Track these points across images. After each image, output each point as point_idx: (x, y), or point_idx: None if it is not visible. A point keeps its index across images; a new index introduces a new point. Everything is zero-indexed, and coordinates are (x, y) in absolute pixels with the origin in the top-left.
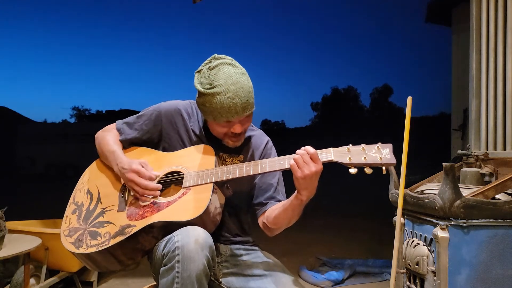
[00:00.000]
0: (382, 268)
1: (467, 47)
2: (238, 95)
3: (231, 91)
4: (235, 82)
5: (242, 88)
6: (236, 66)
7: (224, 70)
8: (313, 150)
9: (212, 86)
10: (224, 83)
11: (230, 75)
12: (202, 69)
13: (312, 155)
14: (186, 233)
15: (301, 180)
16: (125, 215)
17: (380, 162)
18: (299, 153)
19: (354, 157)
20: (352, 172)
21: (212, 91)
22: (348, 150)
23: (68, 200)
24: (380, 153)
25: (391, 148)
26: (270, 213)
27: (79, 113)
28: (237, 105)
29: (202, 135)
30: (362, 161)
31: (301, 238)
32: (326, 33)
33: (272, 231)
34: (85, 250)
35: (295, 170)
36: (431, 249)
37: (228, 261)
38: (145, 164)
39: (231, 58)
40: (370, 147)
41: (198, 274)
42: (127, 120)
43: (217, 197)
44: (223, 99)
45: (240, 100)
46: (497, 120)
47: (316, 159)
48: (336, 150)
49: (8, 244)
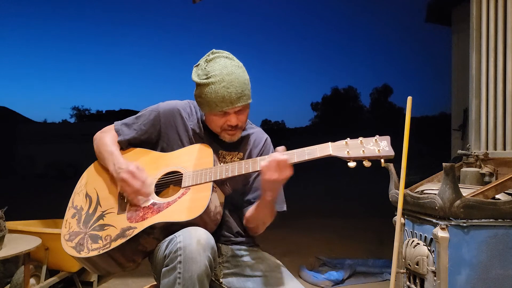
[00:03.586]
0: (382, 268)
1: (467, 47)
2: (232, 84)
3: (226, 81)
4: (230, 72)
5: (237, 79)
6: (233, 59)
7: (220, 62)
8: (285, 157)
9: (207, 76)
10: (219, 73)
11: (225, 66)
12: (200, 63)
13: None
14: (188, 234)
15: (268, 182)
16: (125, 217)
17: (378, 155)
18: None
19: (352, 150)
20: (351, 166)
21: (207, 81)
22: (346, 144)
23: (68, 200)
24: (378, 145)
25: (388, 140)
26: (248, 212)
27: (79, 113)
28: (232, 95)
29: (201, 134)
30: (361, 154)
31: (301, 238)
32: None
33: (252, 230)
34: (86, 254)
35: (264, 172)
36: (431, 249)
37: (229, 261)
38: (141, 169)
39: (228, 53)
40: (368, 140)
41: (200, 275)
42: (126, 121)
43: (217, 196)
44: (218, 88)
45: (235, 89)
46: (497, 120)
47: (287, 166)
48: (334, 144)
49: (8, 244)
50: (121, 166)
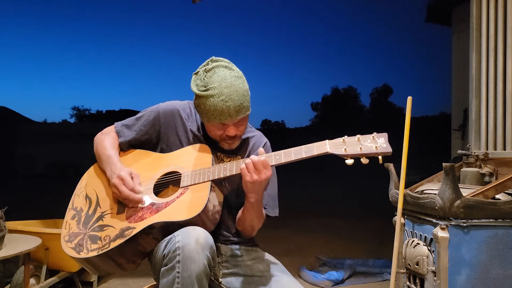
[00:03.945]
0: (382, 268)
1: (467, 47)
2: (231, 98)
3: (224, 94)
4: (229, 85)
5: (236, 91)
6: (232, 69)
7: (219, 73)
8: (263, 158)
9: (206, 88)
10: (218, 86)
11: (224, 78)
12: (199, 71)
13: (262, 162)
14: (187, 233)
15: (249, 184)
16: (124, 218)
17: (376, 152)
18: (252, 160)
19: (350, 148)
20: (348, 163)
21: (206, 94)
22: (343, 141)
23: (68, 200)
24: (376, 142)
25: (386, 137)
26: (238, 214)
27: (79, 113)
28: (230, 108)
29: (200, 135)
30: (358, 151)
31: (301, 238)
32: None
33: (241, 233)
34: (85, 254)
35: (244, 174)
36: (431, 249)
37: (228, 261)
38: (135, 176)
39: (228, 61)
40: (365, 137)
41: (198, 274)
42: (126, 122)
43: (215, 195)
44: (216, 101)
45: (233, 103)
46: (497, 120)
47: (267, 166)
48: (332, 142)
49: (8, 244)
50: (115, 171)
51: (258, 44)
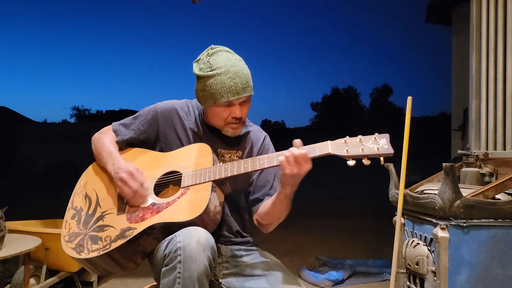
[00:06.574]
0: (382, 268)
1: (467, 47)
2: (238, 75)
3: (231, 72)
4: (234, 64)
5: (242, 70)
6: (233, 53)
7: (223, 55)
8: (304, 151)
9: (212, 69)
10: (224, 65)
11: (229, 59)
12: (201, 58)
13: (303, 156)
14: (188, 233)
15: (289, 177)
16: (125, 218)
17: (378, 153)
18: (292, 151)
19: (352, 149)
20: (350, 164)
21: (213, 73)
22: (345, 142)
23: (68, 200)
24: (378, 143)
25: (388, 138)
26: (261, 209)
27: (79, 113)
28: (238, 85)
29: (199, 133)
30: (360, 152)
31: (301, 238)
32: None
33: (265, 227)
34: (86, 255)
35: (284, 167)
36: (431, 249)
37: (228, 262)
38: (141, 171)
39: (228, 48)
40: (367, 138)
41: (199, 275)
42: (124, 121)
43: (216, 196)
44: (224, 79)
45: (240, 80)
46: (497, 120)
47: (307, 160)
48: (333, 142)
49: (8, 244)
50: (121, 166)
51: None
